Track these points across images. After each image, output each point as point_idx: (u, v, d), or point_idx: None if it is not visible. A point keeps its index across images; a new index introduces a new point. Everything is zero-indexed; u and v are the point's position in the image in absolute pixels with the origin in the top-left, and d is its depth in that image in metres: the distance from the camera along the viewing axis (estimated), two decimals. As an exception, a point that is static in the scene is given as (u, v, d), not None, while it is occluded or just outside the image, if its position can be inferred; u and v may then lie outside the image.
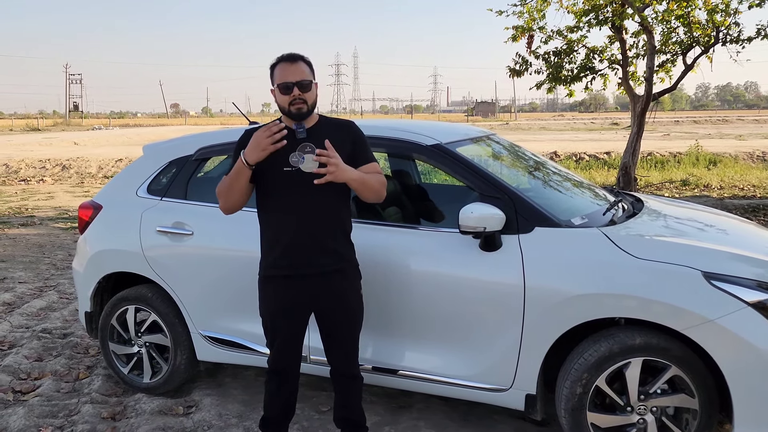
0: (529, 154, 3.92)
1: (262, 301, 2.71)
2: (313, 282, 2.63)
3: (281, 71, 2.54)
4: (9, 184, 15.00)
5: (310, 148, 2.53)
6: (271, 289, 2.66)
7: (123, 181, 3.80)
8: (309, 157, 2.52)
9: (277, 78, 2.54)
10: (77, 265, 3.87)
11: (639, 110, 10.06)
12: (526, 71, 10.85)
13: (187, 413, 3.46)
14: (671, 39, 10.44)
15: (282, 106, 2.55)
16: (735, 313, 2.48)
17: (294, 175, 2.54)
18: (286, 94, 2.51)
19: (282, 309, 2.66)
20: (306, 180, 2.53)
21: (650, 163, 15.77)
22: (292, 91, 2.51)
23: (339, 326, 2.72)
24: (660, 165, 15.57)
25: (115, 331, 3.71)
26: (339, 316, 2.70)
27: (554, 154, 17.27)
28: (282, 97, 2.53)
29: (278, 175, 2.56)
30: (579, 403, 2.70)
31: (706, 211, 3.83)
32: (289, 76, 2.51)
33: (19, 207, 11.15)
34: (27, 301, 5.55)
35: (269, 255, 2.65)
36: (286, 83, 2.51)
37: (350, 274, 2.72)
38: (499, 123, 62.22)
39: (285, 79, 2.51)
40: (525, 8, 10.53)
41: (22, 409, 3.45)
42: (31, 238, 8.43)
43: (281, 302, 2.65)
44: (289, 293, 2.63)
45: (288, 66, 2.53)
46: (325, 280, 2.64)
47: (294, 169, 2.54)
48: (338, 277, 2.66)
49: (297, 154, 2.53)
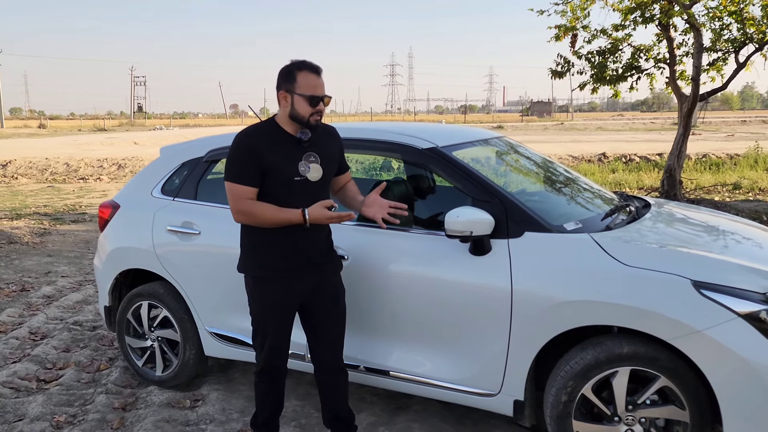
0: (536, 157, 3.87)
1: (253, 301, 2.78)
2: (306, 280, 2.73)
3: (309, 81, 2.57)
4: (68, 182, 15.72)
5: (314, 157, 2.68)
6: (263, 289, 2.72)
7: (140, 181, 3.95)
8: (314, 167, 2.67)
9: (303, 87, 2.56)
10: (97, 262, 4.05)
11: (685, 111, 9.72)
12: (568, 72, 10.64)
13: (193, 407, 3.58)
14: (723, 36, 10.05)
15: (302, 114, 2.58)
16: (724, 324, 2.39)
17: (301, 183, 2.64)
18: (313, 106, 2.57)
19: (274, 308, 2.73)
20: (309, 187, 2.66)
21: (704, 165, 15.18)
22: (319, 105, 2.57)
23: (327, 321, 2.81)
24: (715, 167, 14.96)
25: (131, 325, 3.87)
26: (327, 310, 2.80)
27: (603, 156, 16.86)
28: (305, 107, 2.57)
29: (289, 183, 2.64)
30: (564, 411, 2.66)
31: (731, 219, 3.67)
32: (319, 89, 2.58)
33: (74, 204, 11.68)
34: (65, 294, 5.83)
35: (266, 255, 2.70)
36: (317, 97, 2.56)
37: (337, 269, 2.87)
38: (554, 123, 61.17)
39: (315, 92, 2.56)
40: (568, 7, 10.33)
41: (42, 397, 3.64)
42: (79, 234, 8.83)
43: (274, 301, 2.72)
44: (282, 292, 2.71)
45: (316, 78, 2.58)
46: (317, 277, 2.75)
47: (302, 178, 2.64)
48: (327, 273, 2.79)
49: (304, 163, 2.65)
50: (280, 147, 2.62)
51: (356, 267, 3.06)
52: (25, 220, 9.77)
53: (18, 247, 7.81)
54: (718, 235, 3.16)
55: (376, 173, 10.05)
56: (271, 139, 2.63)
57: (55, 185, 15.07)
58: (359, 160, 9.56)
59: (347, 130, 3.24)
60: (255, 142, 2.61)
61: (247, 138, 2.64)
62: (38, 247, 7.92)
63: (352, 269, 3.05)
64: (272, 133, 2.65)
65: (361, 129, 3.37)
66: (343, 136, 2.99)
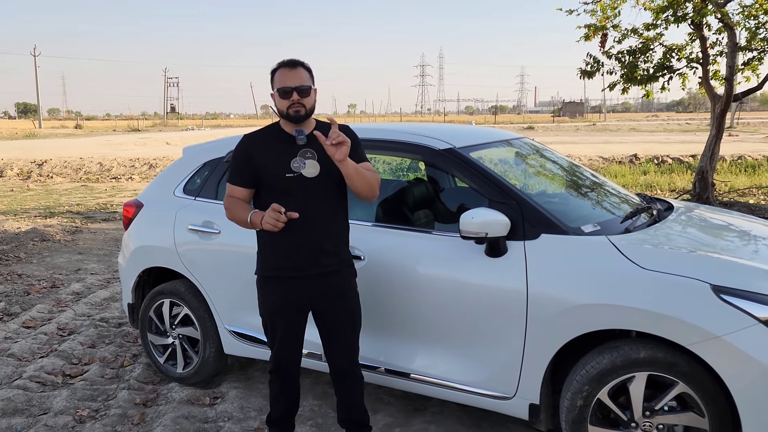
0: (558, 158, 3.82)
1: (261, 301, 2.80)
2: (312, 282, 2.70)
3: (281, 76, 2.62)
4: (101, 182, 16.05)
5: (310, 153, 2.63)
6: (270, 289, 2.74)
7: (163, 181, 4.02)
8: (310, 163, 2.61)
9: (276, 83, 2.62)
10: (121, 260, 4.13)
11: (719, 111, 9.51)
12: (597, 72, 10.49)
13: (213, 404, 3.62)
14: (759, 35, 9.80)
15: (281, 109, 2.63)
16: (744, 329, 2.33)
17: (296, 180, 2.62)
18: (285, 98, 2.59)
19: (281, 308, 2.74)
20: (306, 185, 2.62)
21: (740, 167, 14.82)
22: (291, 95, 2.58)
23: (339, 326, 2.78)
24: (750, 169, 14.59)
25: (153, 322, 3.93)
26: (339, 316, 2.76)
27: (634, 157, 16.58)
28: (281, 102, 2.61)
29: (281, 181, 2.63)
30: (580, 416, 2.63)
31: (761, 223, 3.56)
32: (287, 81, 2.59)
33: (105, 203, 11.92)
34: (93, 291, 5.95)
35: (270, 256, 2.73)
36: (285, 88, 2.59)
37: (347, 275, 2.79)
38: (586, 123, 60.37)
39: (284, 84, 2.59)
40: (598, 6, 10.18)
41: (66, 392, 3.72)
42: (109, 232, 9.01)
43: (280, 301, 2.73)
44: (288, 293, 2.71)
45: (287, 71, 2.61)
46: (324, 281, 2.71)
47: (296, 174, 2.62)
48: (336, 277, 2.73)
49: (298, 159, 2.62)
50: (275, 147, 2.66)
51: (372, 267, 3.06)
52: (58, 218, 10.01)
53: (50, 245, 8.00)
54: (743, 238, 3.09)
55: (402, 174, 10.04)
56: (267, 140, 2.69)
57: (89, 184, 15.40)
58: (386, 161, 9.57)
59: (364, 131, 3.25)
60: (250, 144, 2.71)
61: (244, 140, 2.75)
62: (69, 244, 8.10)
63: (368, 270, 3.05)
64: (270, 134, 2.72)
65: (379, 129, 3.37)
66: (361, 136, 2.98)
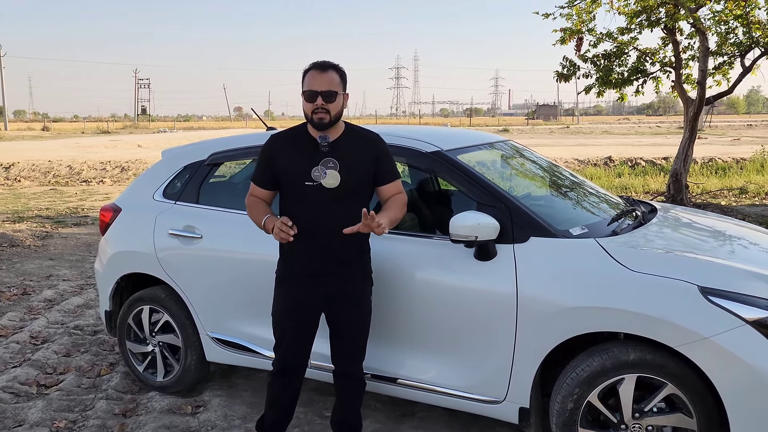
0: (542, 161, 3.83)
1: (275, 301, 2.78)
2: (327, 286, 2.68)
3: (310, 78, 2.53)
4: (71, 185, 15.73)
5: (333, 163, 2.56)
6: (284, 290, 2.73)
7: (141, 184, 3.92)
8: (331, 173, 2.55)
9: (305, 84, 2.54)
10: (98, 266, 4.03)
11: (691, 115, 9.68)
12: (573, 75, 10.60)
13: (195, 413, 3.54)
14: (729, 40, 10.01)
15: (306, 113, 2.56)
16: (732, 330, 2.35)
17: (315, 189, 2.57)
18: (310, 101, 2.52)
19: (293, 310, 2.72)
20: (326, 193, 2.56)
21: (711, 170, 15.11)
22: (316, 99, 2.50)
23: (349, 330, 2.76)
24: (721, 171, 14.89)
25: (132, 330, 3.84)
26: (350, 320, 2.75)
27: (609, 159, 16.80)
28: (306, 105, 2.54)
29: (300, 188, 2.59)
30: (570, 419, 2.62)
31: (738, 224, 3.62)
32: (315, 85, 2.51)
33: (76, 207, 11.67)
34: (67, 298, 5.80)
35: (287, 258, 2.72)
36: (311, 91, 2.51)
37: (363, 282, 2.76)
38: (560, 126, 61.12)
39: (311, 87, 2.51)
40: (573, 10, 10.29)
41: (42, 402, 3.61)
42: (81, 237, 8.82)
43: (292, 303, 2.71)
44: (302, 294, 2.69)
45: (317, 74, 2.53)
46: (339, 286, 2.69)
47: (315, 183, 2.56)
48: (352, 283, 2.72)
49: (319, 168, 2.56)
50: (297, 151, 2.60)
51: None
52: (27, 223, 9.76)
53: (20, 250, 7.80)
54: (725, 240, 3.12)
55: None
56: (290, 142, 2.63)
57: (58, 188, 15.08)
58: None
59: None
60: (272, 144, 2.67)
61: (269, 140, 2.71)
62: (40, 250, 7.91)
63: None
64: (295, 136, 2.66)
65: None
66: None
